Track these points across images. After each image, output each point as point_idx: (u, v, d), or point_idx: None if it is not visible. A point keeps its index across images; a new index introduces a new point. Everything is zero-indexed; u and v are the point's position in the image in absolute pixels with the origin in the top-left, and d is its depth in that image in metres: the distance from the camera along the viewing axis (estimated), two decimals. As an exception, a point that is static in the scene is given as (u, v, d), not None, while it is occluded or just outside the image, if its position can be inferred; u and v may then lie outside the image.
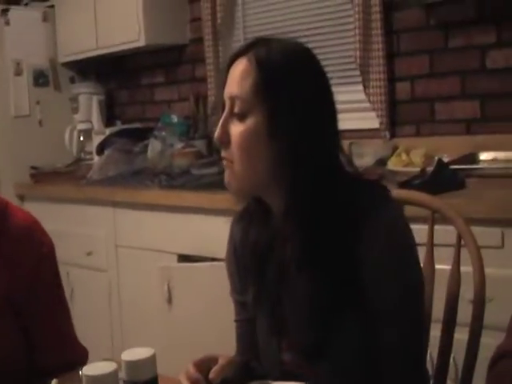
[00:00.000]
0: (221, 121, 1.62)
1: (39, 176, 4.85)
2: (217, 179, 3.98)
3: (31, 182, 4.88)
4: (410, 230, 1.63)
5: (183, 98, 4.89)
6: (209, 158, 4.32)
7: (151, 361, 1.39)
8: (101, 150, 4.67)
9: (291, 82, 1.58)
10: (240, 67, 1.60)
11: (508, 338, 1.41)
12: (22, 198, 4.76)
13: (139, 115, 5.23)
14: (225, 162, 1.64)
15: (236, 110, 1.59)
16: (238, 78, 1.59)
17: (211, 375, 1.59)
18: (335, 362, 1.61)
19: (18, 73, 5.05)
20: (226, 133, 1.61)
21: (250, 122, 1.57)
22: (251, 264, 1.75)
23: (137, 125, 5.04)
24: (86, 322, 2.29)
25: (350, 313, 1.58)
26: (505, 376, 1.28)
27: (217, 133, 1.62)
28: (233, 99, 1.59)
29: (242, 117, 1.58)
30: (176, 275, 3.59)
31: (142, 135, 4.71)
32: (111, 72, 5.41)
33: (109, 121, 5.22)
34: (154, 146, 4.46)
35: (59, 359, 2.05)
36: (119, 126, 5.06)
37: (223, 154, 1.63)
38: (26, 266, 1.99)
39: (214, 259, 3.52)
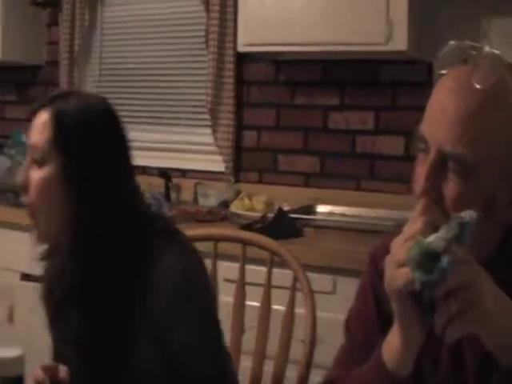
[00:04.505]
0: (23, 166, 1.74)
1: None
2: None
3: None
4: (201, 273, 1.76)
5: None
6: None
7: (20, 360, 1.49)
8: None
9: (83, 138, 1.70)
10: (40, 119, 1.71)
11: (333, 368, 1.60)
12: None
13: (-13, 131, 5.16)
14: (28, 211, 1.74)
15: (35, 157, 1.70)
16: (38, 129, 1.71)
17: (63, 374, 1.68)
18: None
19: None
20: (26, 178, 1.71)
21: (47, 169, 1.68)
22: (47, 303, 1.87)
23: (-15, 140, 4.96)
24: None
25: (143, 346, 1.69)
26: None
27: (19, 176, 1.74)
28: (33, 147, 1.72)
29: (40, 164, 1.69)
30: (18, 294, 3.58)
31: (-10, 150, 4.66)
32: (-39, 84, 5.31)
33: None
34: (2, 163, 4.43)
35: None
36: (-32, 140, 4.95)
37: (25, 199, 1.74)
38: None
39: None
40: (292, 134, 3.88)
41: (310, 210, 3.58)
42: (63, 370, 1.71)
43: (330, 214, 3.59)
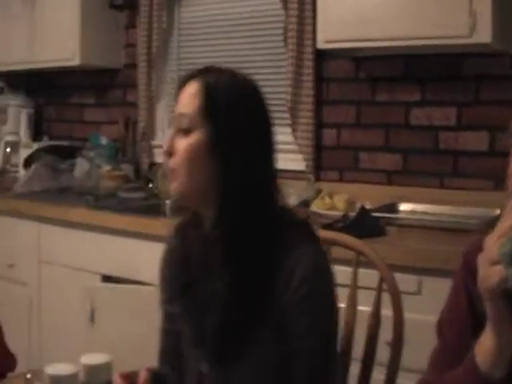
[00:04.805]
0: (169, 135, 1.81)
1: (-37, 183, 4.80)
2: (143, 204, 4.07)
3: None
4: (330, 271, 1.79)
5: (112, 121, 4.92)
6: (135, 183, 4.41)
7: (108, 366, 1.48)
8: (28, 163, 4.67)
9: (233, 110, 1.75)
10: (190, 89, 1.78)
11: (427, 372, 1.57)
12: None
13: (67, 133, 5.23)
14: (169, 172, 1.80)
15: (183, 126, 1.77)
16: (187, 99, 1.78)
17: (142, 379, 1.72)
18: (249, 377, 1.76)
19: None
20: (172, 146, 1.78)
21: (193, 137, 1.74)
22: (180, 274, 1.89)
23: (65, 142, 5.06)
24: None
25: (265, 330, 1.73)
26: None
27: (165, 145, 1.80)
28: (181, 117, 1.78)
29: (187, 132, 1.75)
30: (100, 295, 3.62)
31: (69, 153, 4.74)
32: (41, 87, 5.40)
33: (36, 135, 5.20)
34: (81, 166, 4.50)
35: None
36: (48, 142, 5.05)
37: (170, 164, 1.79)
38: None
39: (136, 282, 3.60)
40: (373, 131, 3.83)
41: (392, 208, 3.52)
42: (142, 375, 1.72)
43: (413, 212, 3.52)
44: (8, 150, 4.99)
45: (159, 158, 4.56)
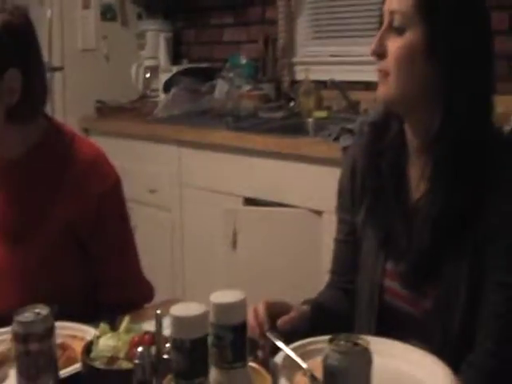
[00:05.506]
0: (379, 34, 1.65)
1: (104, 110, 4.83)
2: (284, 123, 3.95)
3: (96, 116, 4.87)
4: None
5: (252, 40, 4.81)
6: (276, 102, 4.31)
7: (242, 305, 1.36)
8: (168, 87, 4.65)
9: (454, 5, 1.59)
10: None
11: None
12: (86, 131, 4.67)
13: (206, 55, 5.17)
14: (379, 74, 1.66)
15: (395, 24, 1.62)
16: None
17: (279, 322, 1.61)
18: (436, 301, 1.63)
19: (86, 6, 5.00)
20: (382, 45, 1.63)
21: (408, 36, 1.60)
22: (373, 181, 1.78)
23: (204, 64, 5.00)
24: (146, 261, 2.25)
25: (462, 251, 1.60)
26: None
27: (373, 45, 1.65)
28: (392, 14, 1.62)
29: (400, 31, 1.61)
30: (242, 218, 3.56)
31: (209, 75, 4.70)
32: (179, 10, 5.34)
33: (175, 59, 5.18)
34: (221, 87, 4.42)
35: (123, 295, 2.06)
36: (187, 65, 5.03)
37: (378, 66, 1.65)
38: (91, 198, 1.99)
39: (279, 204, 3.51)
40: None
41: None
42: (291, 315, 1.62)
43: None
44: (148, 75, 4.98)
45: (300, 75, 4.43)
